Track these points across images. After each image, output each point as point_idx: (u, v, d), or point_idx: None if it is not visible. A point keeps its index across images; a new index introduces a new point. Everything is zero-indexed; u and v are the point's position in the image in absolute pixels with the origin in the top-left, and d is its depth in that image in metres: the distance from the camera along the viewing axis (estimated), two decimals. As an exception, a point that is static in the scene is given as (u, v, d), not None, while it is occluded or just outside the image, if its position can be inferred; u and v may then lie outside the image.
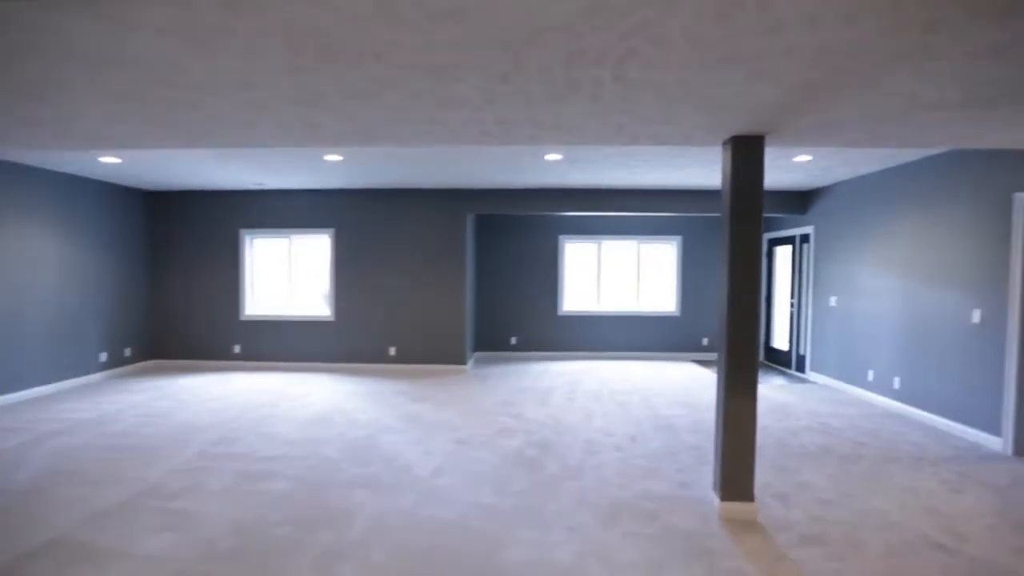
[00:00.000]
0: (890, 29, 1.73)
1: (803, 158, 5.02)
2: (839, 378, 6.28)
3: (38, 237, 5.62)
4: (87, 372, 6.28)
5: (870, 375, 5.71)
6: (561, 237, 8.38)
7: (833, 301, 6.40)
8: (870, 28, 1.73)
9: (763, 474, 3.63)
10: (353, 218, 7.26)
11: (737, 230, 3.04)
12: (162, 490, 3.30)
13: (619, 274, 8.51)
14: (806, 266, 7.02)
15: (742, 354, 3.04)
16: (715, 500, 3.14)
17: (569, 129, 2.97)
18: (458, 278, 7.18)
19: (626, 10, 1.64)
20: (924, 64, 2.01)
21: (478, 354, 8.36)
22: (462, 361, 7.20)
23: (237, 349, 7.38)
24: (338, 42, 1.87)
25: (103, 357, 6.51)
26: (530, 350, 8.40)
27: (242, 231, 7.35)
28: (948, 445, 4.28)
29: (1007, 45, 1.83)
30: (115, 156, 5.11)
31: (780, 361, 7.67)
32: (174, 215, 7.38)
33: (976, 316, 4.37)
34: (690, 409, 5.35)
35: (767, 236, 8.05)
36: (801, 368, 7.12)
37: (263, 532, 2.81)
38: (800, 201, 7.01)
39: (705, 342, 8.40)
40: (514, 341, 8.39)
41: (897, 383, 5.28)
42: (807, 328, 6.98)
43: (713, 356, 8.33)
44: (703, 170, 5.63)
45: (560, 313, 8.38)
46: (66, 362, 5.99)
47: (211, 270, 7.39)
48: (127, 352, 6.94)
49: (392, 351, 7.24)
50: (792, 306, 7.37)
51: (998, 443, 4.15)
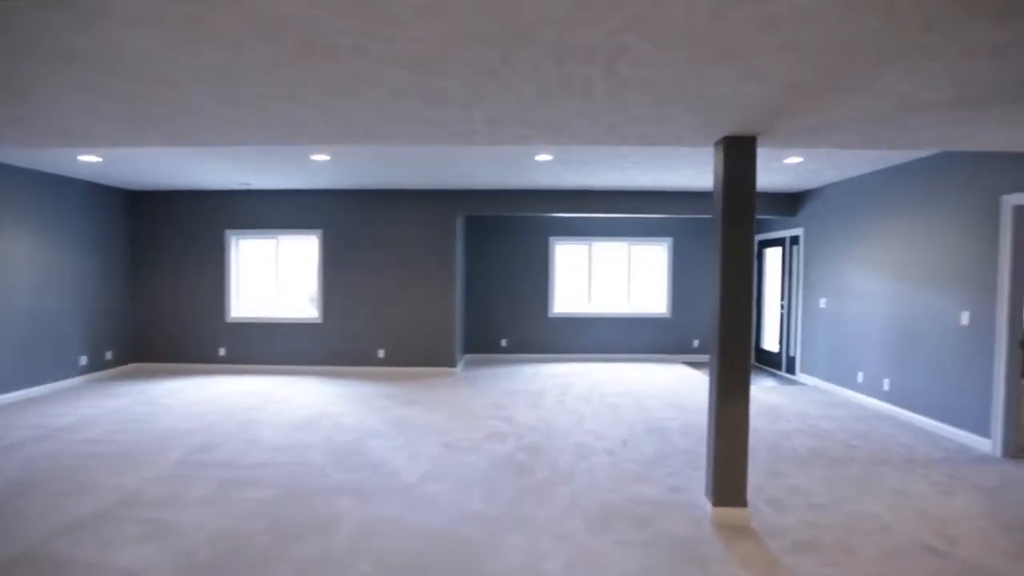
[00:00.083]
0: (887, 27, 1.70)
1: (794, 160, 5.02)
2: (829, 380, 6.29)
3: (14, 237, 5.47)
4: (66, 376, 6.12)
5: (860, 377, 5.72)
6: (552, 238, 8.33)
7: (823, 303, 6.41)
8: (867, 26, 1.69)
9: (755, 478, 3.60)
10: (341, 219, 7.16)
11: (729, 231, 3.00)
12: (141, 499, 3.20)
13: (610, 276, 8.49)
14: (796, 268, 7.04)
15: (734, 356, 3.01)
16: (707, 505, 3.10)
17: (560, 129, 2.92)
18: (448, 280, 7.10)
19: (617, 4, 1.59)
20: (919, 64, 1.98)
21: (468, 356, 8.29)
22: (452, 363, 7.13)
23: (222, 352, 7.25)
24: (315, 35, 1.81)
25: (83, 360, 6.35)
26: (521, 352, 8.34)
27: (228, 232, 7.23)
28: (938, 447, 4.28)
29: (1007, 45, 1.80)
30: (95, 155, 4.99)
31: (770, 363, 7.68)
32: (159, 215, 7.24)
33: (965, 318, 4.38)
34: (681, 411, 5.32)
35: (757, 238, 8.07)
36: (791, 370, 7.12)
37: (245, 542, 2.72)
38: (790, 203, 7.02)
39: (696, 344, 8.39)
40: (504, 343, 8.33)
41: (887, 385, 5.29)
42: (797, 330, 6.99)
43: (704, 358, 8.32)
44: (695, 172, 5.61)
45: (551, 315, 8.33)
46: (43, 366, 5.83)
47: (196, 271, 7.25)
48: (108, 355, 6.78)
49: (380, 354, 7.15)
50: (782, 308, 7.38)
51: (987, 444, 4.16)
